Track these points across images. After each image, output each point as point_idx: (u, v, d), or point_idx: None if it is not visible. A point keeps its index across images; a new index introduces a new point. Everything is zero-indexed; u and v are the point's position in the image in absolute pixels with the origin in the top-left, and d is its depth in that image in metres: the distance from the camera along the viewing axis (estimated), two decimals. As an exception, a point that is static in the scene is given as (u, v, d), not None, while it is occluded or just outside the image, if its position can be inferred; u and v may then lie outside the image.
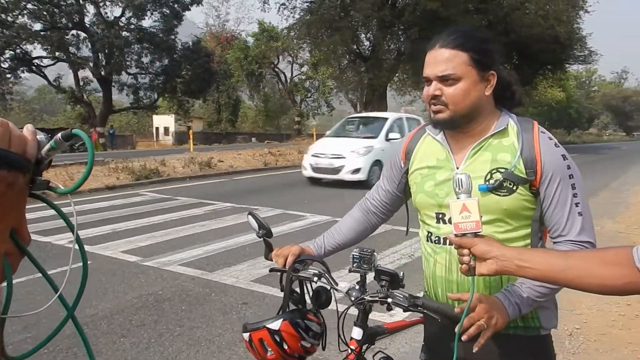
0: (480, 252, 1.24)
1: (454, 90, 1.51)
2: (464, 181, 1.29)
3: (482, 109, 1.56)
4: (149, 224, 8.20)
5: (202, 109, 52.26)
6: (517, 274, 1.23)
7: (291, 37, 27.81)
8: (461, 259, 1.28)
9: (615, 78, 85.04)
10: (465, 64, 1.50)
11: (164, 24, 33.70)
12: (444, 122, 1.56)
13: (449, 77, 1.50)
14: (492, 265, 1.23)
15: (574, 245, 1.50)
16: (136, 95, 35.60)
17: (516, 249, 1.27)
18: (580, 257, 1.17)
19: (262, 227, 1.81)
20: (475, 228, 1.25)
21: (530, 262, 1.19)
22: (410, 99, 43.53)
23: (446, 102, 1.52)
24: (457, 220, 1.27)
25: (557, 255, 1.21)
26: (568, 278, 1.15)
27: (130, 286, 5.26)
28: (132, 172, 13.74)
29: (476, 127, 1.58)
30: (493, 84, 1.54)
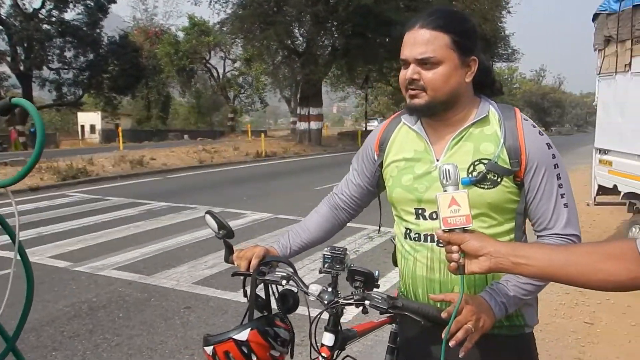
0: (471, 248, 1.13)
1: (434, 74, 1.39)
2: (452, 172, 1.18)
3: (462, 96, 1.45)
4: (79, 227, 7.68)
5: (130, 106, 50.20)
6: (512, 271, 1.13)
7: (223, 32, 27.23)
8: (449, 257, 1.16)
9: (534, 76, 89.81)
10: (446, 47, 1.39)
11: (87, 17, 31.88)
12: (421, 109, 1.44)
13: (429, 61, 1.39)
14: (485, 262, 1.12)
15: (560, 238, 1.42)
16: (59, 91, 33.52)
17: (510, 244, 1.17)
18: (582, 251, 1.07)
19: (222, 227, 1.63)
20: (465, 223, 1.15)
21: (527, 259, 1.09)
22: (344, 95, 43.99)
23: (424, 86, 1.41)
24: (446, 214, 1.16)
25: (555, 250, 1.12)
26: (569, 274, 1.05)
27: (61, 294, 4.85)
28: (58, 172, 12.88)
29: (455, 116, 1.47)
30: (474, 70, 1.44)
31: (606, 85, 6.25)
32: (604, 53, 6.18)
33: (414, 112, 1.49)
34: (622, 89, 5.79)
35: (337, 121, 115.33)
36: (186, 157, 18.34)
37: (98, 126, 43.05)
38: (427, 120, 1.51)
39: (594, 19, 6.40)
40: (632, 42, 5.43)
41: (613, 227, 7.46)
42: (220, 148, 21.32)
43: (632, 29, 5.39)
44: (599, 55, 6.34)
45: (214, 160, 18.65)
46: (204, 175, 14.99)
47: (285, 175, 14.94)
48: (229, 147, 21.81)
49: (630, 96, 5.62)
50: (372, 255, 6.11)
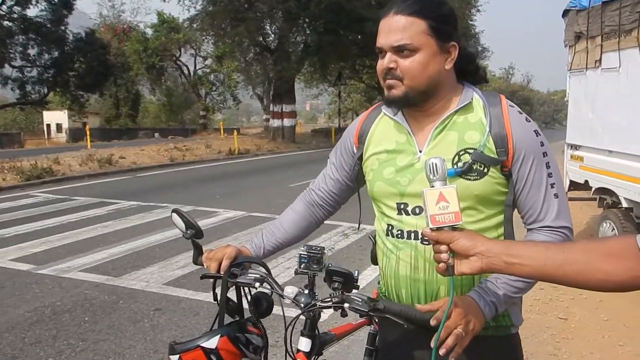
0: (462, 248, 1.05)
1: (411, 62, 1.31)
2: (439, 166, 1.10)
3: (442, 85, 1.37)
4: (43, 228, 7.40)
5: (98, 104, 49.06)
6: (505, 271, 1.05)
7: (193, 28, 26.81)
8: (438, 257, 1.08)
9: (504, 74, 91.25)
10: (423, 33, 1.30)
11: (52, 14, 30.89)
12: (398, 100, 1.36)
13: (405, 48, 1.30)
14: (476, 262, 1.05)
15: (552, 232, 1.35)
16: (23, 89, 32.40)
17: (503, 243, 1.10)
18: (580, 249, 1.00)
19: (190, 226, 1.52)
20: (454, 220, 1.07)
21: (521, 258, 1.02)
22: (317, 93, 43.92)
23: (401, 76, 1.33)
24: (434, 211, 1.08)
25: (551, 248, 1.04)
26: (567, 274, 0.98)
27: (23, 299, 4.64)
28: (21, 172, 12.45)
29: (435, 105, 1.39)
30: (454, 56, 1.36)
31: (577, 81, 6.30)
32: (574, 49, 6.22)
33: (393, 104, 1.41)
34: (592, 85, 5.84)
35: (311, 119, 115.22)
36: (157, 156, 18.01)
37: (65, 125, 41.93)
38: (408, 110, 1.43)
39: (564, 15, 6.44)
40: (602, 38, 5.47)
41: (583, 223, 7.56)
42: (192, 146, 21.03)
43: (602, 25, 5.43)
44: (569, 51, 6.39)
45: (186, 158, 18.36)
46: (175, 174, 14.71)
47: (258, 172, 14.78)
48: (201, 144, 21.54)
49: (600, 92, 5.67)
50: (348, 253, 6.04)
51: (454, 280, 1.10)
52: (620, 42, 5.08)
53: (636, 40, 4.79)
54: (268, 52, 25.52)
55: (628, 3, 4.90)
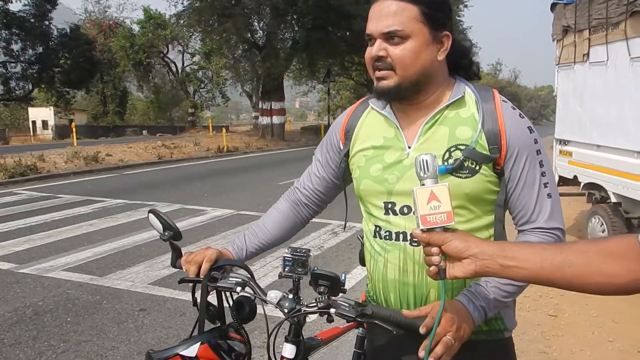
0: (454, 250, 0.99)
1: (402, 50, 1.24)
2: (430, 163, 1.03)
3: (434, 77, 1.30)
4: (26, 226, 7.26)
5: (85, 101, 48.60)
6: (500, 275, 0.99)
7: (180, 24, 26.56)
8: (429, 260, 1.02)
9: (491, 70, 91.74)
10: (415, 19, 1.23)
11: (35, 9, 30.53)
12: (390, 91, 1.28)
13: (396, 34, 1.23)
14: (470, 265, 0.99)
15: (544, 233, 1.28)
16: (6, 85, 32.05)
17: (498, 244, 1.03)
18: (578, 250, 0.94)
19: (167, 227, 1.44)
20: (446, 220, 1.01)
21: (517, 260, 0.95)
22: (306, 90, 43.78)
23: (392, 64, 1.25)
24: (425, 211, 1.01)
25: (548, 249, 0.97)
26: (565, 277, 0.92)
27: (2, 298, 4.52)
28: (5, 169, 12.24)
29: (427, 98, 1.32)
30: (447, 47, 1.29)
31: (565, 75, 6.29)
32: (562, 43, 6.21)
33: (383, 96, 1.33)
34: (580, 79, 5.83)
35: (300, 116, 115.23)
36: (144, 153, 17.82)
37: (51, 122, 41.46)
38: (397, 104, 1.35)
39: (552, 8, 6.42)
40: (590, 31, 5.46)
41: (572, 218, 7.56)
42: (181, 143, 20.85)
43: (589, 19, 5.42)
44: (557, 45, 6.38)
45: (174, 155, 18.19)
46: (162, 172, 14.55)
47: (247, 170, 14.67)
48: (190, 142, 21.35)
49: (588, 86, 5.66)
50: (337, 252, 5.97)
51: (445, 284, 1.04)
52: (608, 35, 5.07)
53: (624, 33, 4.78)
54: (256, 49, 25.33)
55: (616, -4, 4.88)
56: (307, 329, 1.49)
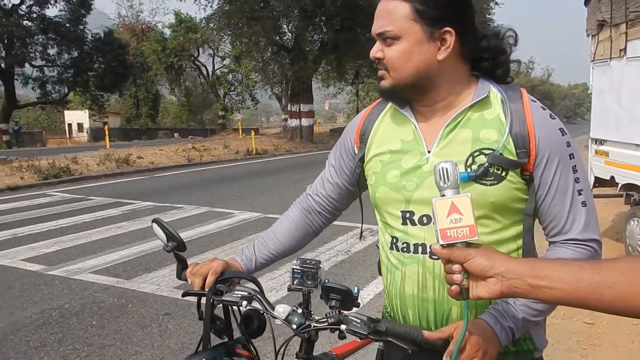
0: (478, 268, 0.89)
1: (393, 51, 1.18)
2: (450, 172, 0.94)
3: (437, 78, 1.19)
4: (57, 227, 7.38)
5: (119, 104, 49.69)
6: (530, 296, 0.89)
7: (210, 28, 26.83)
8: (450, 278, 0.92)
9: (524, 68, 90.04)
10: (405, 18, 1.15)
11: (70, 14, 31.27)
12: (386, 92, 1.24)
13: (385, 35, 1.16)
14: (495, 285, 0.89)
15: (578, 245, 1.16)
16: (43, 89, 32.88)
17: (527, 262, 0.92)
18: (619, 268, 0.83)
19: (171, 237, 1.37)
20: (469, 235, 0.91)
21: (549, 280, 0.85)
22: (335, 92, 43.72)
23: (387, 66, 1.19)
24: (444, 225, 0.92)
25: (584, 267, 0.86)
26: (604, 299, 0.81)
27: (31, 300, 4.58)
28: (39, 171, 12.54)
29: (440, 100, 1.22)
30: (450, 44, 1.16)
31: (601, 72, 6.04)
32: (597, 39, 5.96)
33: (382, 96, 1.30)
34: (617, 76, 5.58)
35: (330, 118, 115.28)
36: (174, 156, 18.03)
37: (86, 124, 42.58)
38: (416, 105, 1.26)
39: (586, 3, 6.18)
40: (627, 25, 5.22)
41: (608, 220, 7.27)
42: (210, 146, 21.04)
43: (626, 12, 5.18)
44: (592, 41, 6.13)
45: (203, 158, 18.36)
46: (192, 174, 14.69)
47: (275, 173, 14.68)
48: (219, 145, 21.54)
49: (626, 82, 5.41)
50: (364, 256, 5.86)
51: (468, 303, 0.94)
52: (648, 29, 4.83)
53: (665, 27, 4.54)
54: (285, 51, 25.42)
55: (656, -12, 4.65)
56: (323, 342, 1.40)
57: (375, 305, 4.30)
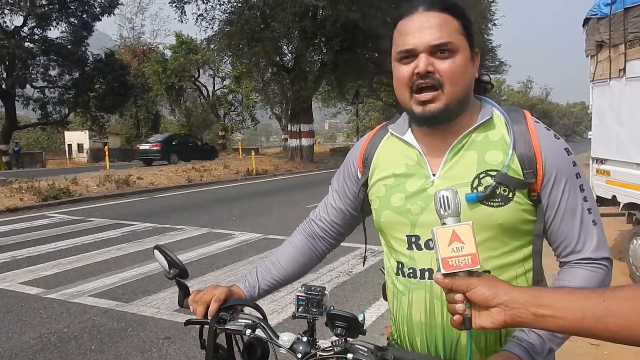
0: (480, 297, 0.87)
1: (451, 64, 1.11)
2: (451, 199, 0.93)
3: (470, 96, 1.20)
4: (56, 250, 7.34)
5: (119, 125, 49.90)
6: (534, 325, 0.87)
7: (211, 49, 27.08)
8: (452, 308, 0.90)
9: (522, 87, 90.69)
10: (458, 32, 1.14)
11: (72, 35, 31.59)
12: (439, 115, 1.14)
13: (446, 47, 1.11)
14: (499, 315, 0.87)
15: (593, 265, 1.15)
16: (44, 110, 33.06)
17: (531, 291, 0.90)
18: (625, 297, 0.81)
19: (173, 265, 1.34)
20: (470, 264, 0.89)
21: (553, 309, 0.83)
22: (335, 112, 43.94)
23: (441, 81, 1.12)
24: (446, 254, 0.90)
25: (590, 296, 0.84)
26: (609, 328, 0.80)
27: (29, 324, 4.52)
28: (39, 192, 12.51)
29: (460, 120, 1.20)
30: (478, 64, 1.20)
31: (600, 92, 6.06)
32: (596, 59, 6.00)
33: (429, 122, 1.18)
34: (617, 95, 5.60)
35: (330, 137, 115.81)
36: (175, 176, 18.03)
37: (86, 145, 42.65)
38: (422, 129, 1.23)
39: (585, 24, 6.23)
40: (626, 46, 5.25)
41: (611, 239, 7.23)
42: (210, 166, 21.06)
43: (624, 33, 5.22)
44: (591, 61, 6.17)
45: (204, 179, 18.35)
46: (192, 195, 14.67)
47: (276, 193, 14.66)
48: (219, 165, 21.55)
49: (626, 102, 5.43)
50: (366, 277, 5.80)
51: (476, 333, 0.91)
52: (647, 50, 4.86)
53: (664, 48, 4.57)
54: (285, 72, 25.61)
55: (654, 9, 4.69)
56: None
57: (378, 328, 4.25)
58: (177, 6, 23.99)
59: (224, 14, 24.64)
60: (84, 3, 31.50)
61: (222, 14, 24.67)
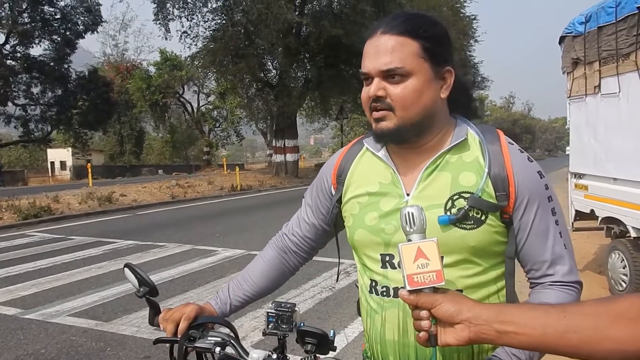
0: (445, 314, 0.88)
1: (403, 89, 1.13)
2: (416, 216, 0.94)
3: (437, 117, 1.19)
4: (35, 269, 7.22)
5: (102, 142, 49.60)
6: (498, 342, 0.87)
7: (195, 65, 27.13)
8: (418, 325, 0.91)
9: (504, 103, 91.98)
10: (415, 55, 1.13)
11: (55, 52, 31.48)
12: (389, 134, 1.17)
13: (396, 72, 1.13)
14: (463, 332, 0.88)
15: (564, 287, 1.16)
16: (26, 127, 32.78)
17: (494, 307, 0.91)
18: (584, 312, 0.82)
19: (143, 283, 1.34)
20: (435, 281, 0.91)
21: (516, 325, 0.84)
22: (320, 127, 44.12)
23: (392, 105, 1.14)
24: (411, 270, 0.91)
25: (551, 312, 0.85)
26: (570, 344, 0.81)
27: (5, 346, 4.43)
28: (19, 211, 12.32)
29: (429, 141, 1.21)
30: (450, 83, 1.19)
31: (577, 108, 6.18)
32: (572, 76, 6.12)
33: (382, 139, 1.21)
34: (593, 111, 5.72)
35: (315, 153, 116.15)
36: (158, 193, 17.90)
37: (69, 162, 42.23)
38: (395, 147, 1.24)
39: (561, 42, 6.37)
40: (600, 63, 5.38)
41: (591, 253, 7.32)
42: (195, 182, 20.95)
43: (599, 50, 5.34)
44: (567, 78, 6.29)
45: (187, 195, 18.23)
46: (175, 211, 14.56)
47: (260, 209, 14.62)
48: (204, 181, 21.44)
49: (601, 118, 5.54)
50: (349, 292, 5.79)
51: (445, 350, 0.92)
52: (619, 66, 4.98)
53: (634, 64, 4.69)
54: (269, 88, 25.73)
55: (624, 27, 4.82)
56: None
57: (359, 344, 4.24)
58: (161, 23, 24.03)
59: (207, 30, 24.76)
60: (67, 21, 31.48)
61: (206, 31, 24.80)
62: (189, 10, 24.01)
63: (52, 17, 31.32)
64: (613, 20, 5.00)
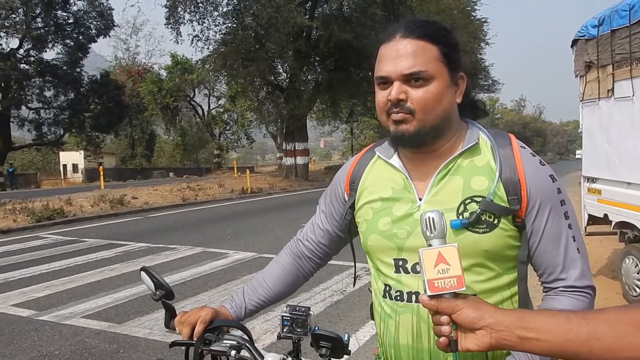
0: (466, 320, 0.88)
1: (425, 93, 1.13)
2: (437, 221, 0.94)
3: (452, 121, 1.20)
4: (49, 271, 7.29)
5: (114, 145, 49.98)
6: (519, 348, 0.87)
7: (206, 69, 27.30)
8: (438, 330, 0.91)
9: (515, 106, 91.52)
10: (436, 59, 1.14)
11: (67, 56, 31.84)
12: (410, 137, 1.16)
13: (419, 76, 1.13)
14: (484, 337, 0.87)
15: (577, 293, 1.15)
16: (39, 131, 33.17)
17: (516, 313, 0.91)
18: (607, 320, 0.82)
19: (159, 286, 1.36)
20: (456, 286, 0.90)
21: (538, 332, 0.84)
22: (330, 130, 44.17)
23: (412, 109, 1.14)
24: (432, 275, 0.91)
25: (573, 319, 0.85)
26: (593, 351, 0.80)
27: (20, 347, 4.47)
28: (32, 213, 12.47)
29: (444, 144, 1.21)
30: (463, 89, 1.20)
31: (590, 111, 6.14)
32: (585, 79, 6.08)
33: (401, 142, 1.21)
34: (606, 115, 5.67)
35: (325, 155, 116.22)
36: (169, 195, 18.00)
37: (81, 165, 42.66)
38: (407, 152, 1.25)
39: (573, 45, 6.33)
40: (614, 66, 5.34)
41: (604, 258, 7.25)
42: (205, 185, 21.05)
43: (612, 54, 5.31)
44: (580, 81, 6.25)
45: (198, 198, 18.32)
46: (186, 214, 14.64)
47: (270, 212, 14.65)
48: (214, 184, 21.54)
49: (615, 122, 5.49)
50: (360, 296, 5.79)
51: (460, 355, 0.92)
52: (633, 70, 4.94)
53: (649, 68, 4.65)
54: (279, 91, 25.82)
55: (638, 30, 4.78)
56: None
57: (371, 347, 4.23)
58: (172, 27, 24.20)
59: (218, 34, 24.92)
60: (79, 25, 31.83)
61: (216, 35, 24.95)
62: (200, 14, 24.19)
63: (65, 22, 31.70)
64: (627, 23, 4.96)
